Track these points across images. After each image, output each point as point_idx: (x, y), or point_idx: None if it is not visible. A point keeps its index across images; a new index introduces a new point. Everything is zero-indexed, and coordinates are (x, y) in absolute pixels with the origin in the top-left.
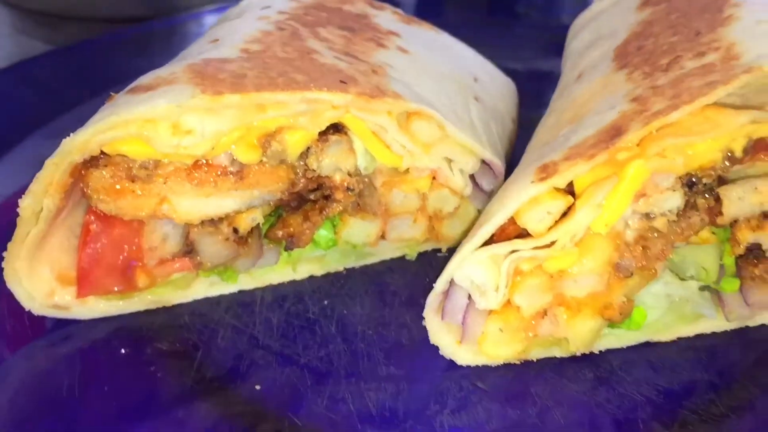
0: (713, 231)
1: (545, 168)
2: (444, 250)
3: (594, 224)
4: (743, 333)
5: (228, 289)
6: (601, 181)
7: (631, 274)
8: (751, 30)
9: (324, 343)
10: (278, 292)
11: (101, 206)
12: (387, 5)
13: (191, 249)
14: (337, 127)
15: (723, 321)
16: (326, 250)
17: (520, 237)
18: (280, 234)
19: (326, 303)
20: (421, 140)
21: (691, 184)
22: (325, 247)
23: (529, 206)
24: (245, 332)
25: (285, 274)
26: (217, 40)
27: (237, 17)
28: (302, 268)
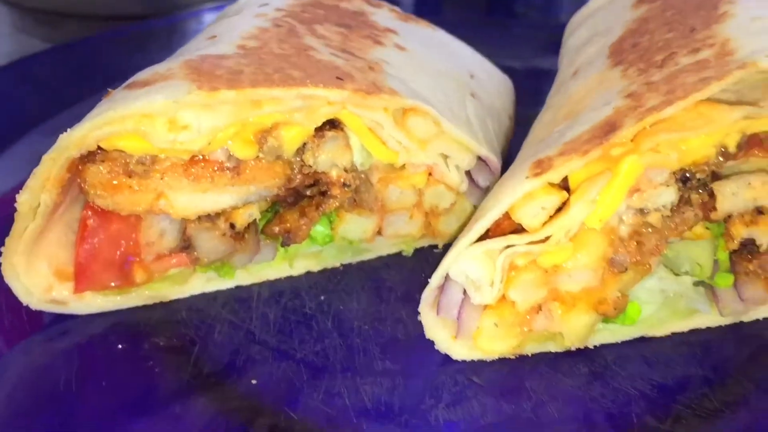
0: (707, 226)
1: (540, 163)
2: (440, 247)
3: (588, 219)
4: (737, 328)
5: (225, 285)
6: (596, 177)
7: (626, 269)
8: (746, 27)
9: (320, 338)
10: (275, 288)
11: (98, 201)
12: (384, 3)
13: (188, 244)
14: (334, 123)
15: (717, 316)
16: (323, 246)
17: (516, 232)
18: (277, 230)
19: (323, 298)
20: (417, 136)
21: (685, 180)
22: (322, 243)
23: (524, 201)
24: (242, 327)
25: (282, 270)
26: (215, 37)
27: (235, 14)
28: (299, 264)
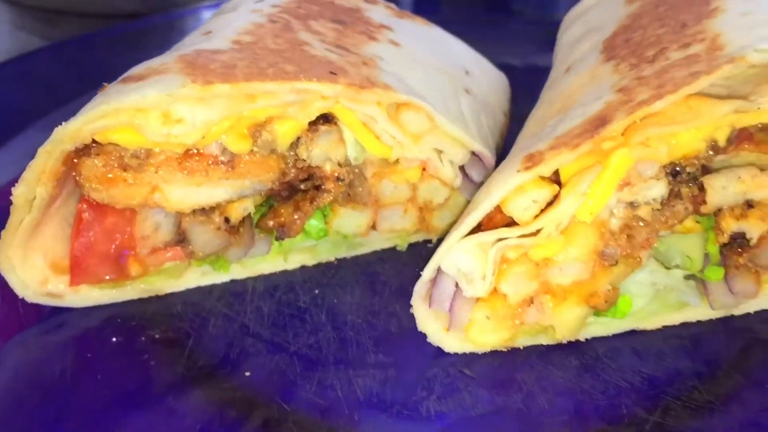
0: (698, 220)
1: (531, 157)
2: (434, 241)
3: (579, 213)
4: (728, 321)
5: (220, 279)
6: (586, 170)
7: (616, 263)
8: (736, 22)
9: (314, 331)
10: (270, 282)
11: (93, 195)
12: (380, 0)
13: (183, 238)
14: (327, 118)
15: (708, 309)
16: (317, 240)
17: (508, 226)
18: (271, 224)
19: (317, 292)
20: (411, 131)
21: (675, 173)
22: (316, 237)
23: (515, 195)
24: (236, 320)
25: (276, 264)
26: (210, 33)
27: (231, 11)
28: (293, 258)
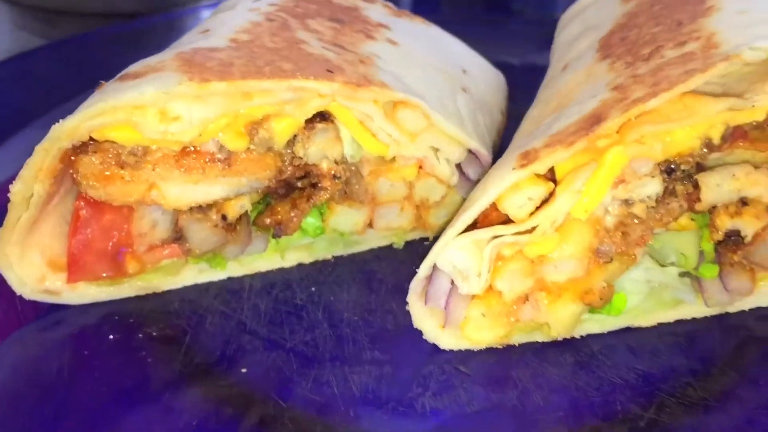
0: (692, 217)
1: (526, 155)
2: (431, 239)
3: (574, 210)
4: (723, 319)
5: (217, 276)
6: (581, 168)
7: (611, 260)
8: (732, 20)
9: (310, 329)
10: (267, 280)
11: (91, 192)
12: None
13: (180, 235)
14: (324, 116)
15: (703, 307)
16: (314, 238)
17: (504, 223)
18: (268, 221)
19: (314, 290)
20: (407, 129)
21: (670, 171)
22: (313, 235)
23: (511, 192)
24: (233, 318)
25: (273, 262)
26: (207, 31)
27: (229, 10)
28: (291, 256)
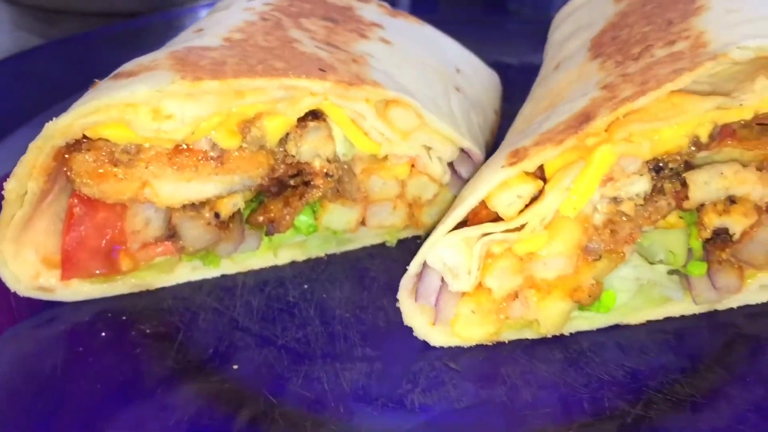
0: (681, 215)
1: (516, 153)
2: (423, 237)
3: (563, 208)
4: (711, 316)
5: (210, 274)
6: (570, 166)
7: (600, 257)
8: (721, 19)
9: (302, 326)
10: (260, 277)
11: (84, 190)
12: None
13: (173, 233)
14: (316, 114)
15: (691, 304)
16: (307, 236)
17: (494, 221)
18: (261, 219)
19: (306, 287)
20: (400, 128)
21: (658, 169)
22: (306, 233)
23: (500, 190)
24: (226, 315)
25: (267, 260)
26: (202, 30)
27: (224, 9)
28: (284, 254)
